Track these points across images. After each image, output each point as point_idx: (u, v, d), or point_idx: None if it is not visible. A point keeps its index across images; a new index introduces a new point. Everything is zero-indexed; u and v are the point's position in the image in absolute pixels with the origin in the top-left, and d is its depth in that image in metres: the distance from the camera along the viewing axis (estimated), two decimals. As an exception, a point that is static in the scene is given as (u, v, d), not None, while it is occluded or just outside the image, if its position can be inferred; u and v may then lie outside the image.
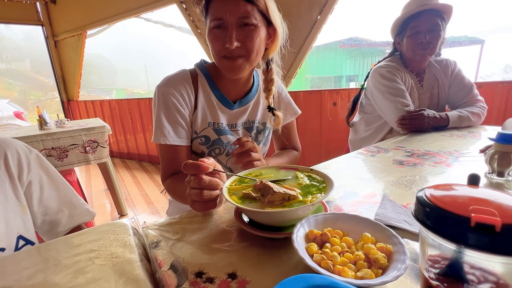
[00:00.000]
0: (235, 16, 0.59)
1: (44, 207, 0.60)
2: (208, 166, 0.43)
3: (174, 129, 0.67)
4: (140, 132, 3.68)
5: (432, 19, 1.08)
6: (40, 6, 3.93)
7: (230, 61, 0.63)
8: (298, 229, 0.36)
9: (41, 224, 0.60)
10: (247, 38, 0.61)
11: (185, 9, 2.68)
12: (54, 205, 0.61)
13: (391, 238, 0.34)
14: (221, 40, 0.61)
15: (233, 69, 0.64)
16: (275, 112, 0.76)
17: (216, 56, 0.65)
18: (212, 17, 0.61)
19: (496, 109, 1.67)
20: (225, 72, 0.66)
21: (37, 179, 0.59)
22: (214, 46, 0.63)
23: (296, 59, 2.27)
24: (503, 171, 0.58)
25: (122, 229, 0.45)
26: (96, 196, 2.64)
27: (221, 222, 0.47)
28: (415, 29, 1.11)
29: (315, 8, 2.08)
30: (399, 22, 1.17)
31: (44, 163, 0.62)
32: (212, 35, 0.62)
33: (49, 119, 1.93)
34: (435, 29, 1.09)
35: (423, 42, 1.10)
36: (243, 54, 0.63)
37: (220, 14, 0.59)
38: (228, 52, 0.61)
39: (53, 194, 0.62)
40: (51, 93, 15.80)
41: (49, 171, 0.62)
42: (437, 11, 1.09)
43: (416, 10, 1.09)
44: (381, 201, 0.50)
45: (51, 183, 0.62)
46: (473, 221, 0.21)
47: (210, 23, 0.62)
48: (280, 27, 0.67)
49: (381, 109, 1.21)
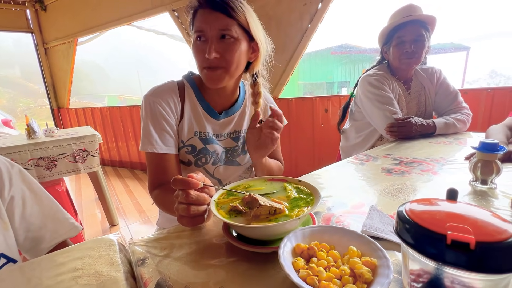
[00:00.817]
0: (215, 28, 0.62)
1: (26, 223, 0.58)
2: (198, 183, 0.43)
3: (161, 137, 0.67)
4: (132, 140, 3.64)
5: (417, 29, 1.12)
6: (30, 14, 3.89)
7: (210, 72, 0.65)
8: (285, 244, 0.36)
9: (23, 241, 0.58)
10: (226, 51, 0.63)
11: (177, 17, 2.70)
12: (37, 220, 0.60)
13: (376, 251, 0.34)
14: (202, 51, 0.63)
15: (212, 80, 0.66)
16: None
17: (198, 68, 0.68)
18: (195, 29, 0.65)
19: (482, 115, 1.72)
20: (206, 82, 0.68)
21: (20, 194, 0.58)
22: (196, 58, 0.66)
23: (287, 67, 2.30)
24: (486, 179, 0.60)
25: (108, 246, 0.44)
26: (86, 206, 2.59)
27: (210, 236, 0.47)
28: (401, 39, 1.15)
29: (305, 17, 2.12)
30: (386, 32, 1.20)
31: (26, 177, 0.61)
32: (195, 46, 0.66)
33: (37, 128, 1.90)
34: (419, 39, 1.12)
35: (408, 52, 1.13)
36: (222, 66, 0.65)
37: (201, 27, 0.63)
38: (208, 63, 0.64)
39: (36, 209, 0.60)
40: (41, 100, 15.53)
41: (32, 186, 0.61)
42: (421, 22, 1.13)
43: (401, 21, 1.13)
44: (369, 211, 0.51)
45: (34, 198, 0.60)
46: (449, 239, 0.22)
47: (193, 35, 0.66)
48: (262, 42, 0.69)
49: (370, 116, 1.23)
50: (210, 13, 0.62)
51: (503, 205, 0.52)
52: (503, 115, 1.39)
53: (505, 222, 0.24)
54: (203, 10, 0.63)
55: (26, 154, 1.69)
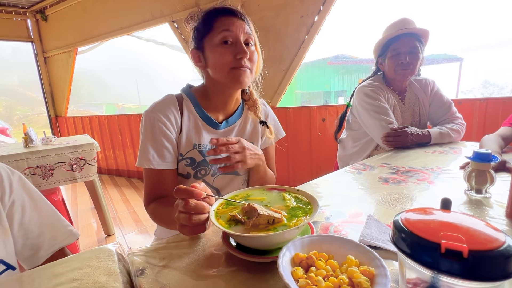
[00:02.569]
0: (243, 33, 0.67)
1: (25, 230, 0.58)
2: (201, 192, 0.43)
3: (159, 153, 0.68)
4: (130, 148, 3.63)
5: (411, 42, 1.16)
6: (31, 23, 3.94)
7: (240, 71, 0.67)
8: (284, 253, 0.37)
9: (22, 249, 0.58)
10: (252, 53, 0.68)
11: (177, 28, 2.75)
12: (35, 228, 0.59)
13: (374, 260, 0.35)
14: (231, 53, 0.66)
15: (243, 78, 0.68)
16: (268, 125, 0.82)
17: (224, 69, 0.67)
18: (220, 29, 0.66)
19: (476, 125, 1.75)
20: (234, 82, 0.68)
21: (19, 201, 0.58)
22: (223, 59, 0.66)
23: (285, 77, 2.34)
24: (481, 188, 0.61)
25: (106, 256, 0.44)
26: (82, 215, 2.55)
27: (209, 245, 0.47)
28: (396, 51, 1.18)
29: (302, 29, 2.17)
30: (381, 44, 1.24)
31: (26, 185, 0.61)
32: (222, 48, 0.66)
33: (35, 137, 1.89)
34: (414, 51, 1.16)
35: (404, 63, 1.17)
36: (250, 67, 0.69)
37: (230, 26, 0.65)
38: (239, 64, 0.66)
39: (34, 216, 0.60)
40: (38, 108, 15.51)
41: (31, 194, 0.61)
42: (415, 34, 1.17)
43: (397, 33, 1.16)
44: (366, 220, 0.52)
45: (33, 206, 0.60)
46: (442, 248, 0.22)
47: (217, 36, 0.66)
48: (261, 55, 0.76)
49: (367, 126, 1.25)
50: (236, 19, 0.66)
51: (498, 214, 0.53)
52: (496, 125, 1.42)
53: (496, 231, 0.25)
54: (227, 17, 0.66)
55: (23, 162, 1.68)
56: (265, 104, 0.88)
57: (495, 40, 40.01)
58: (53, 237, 0.62)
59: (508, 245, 0.22)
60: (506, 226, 0.49)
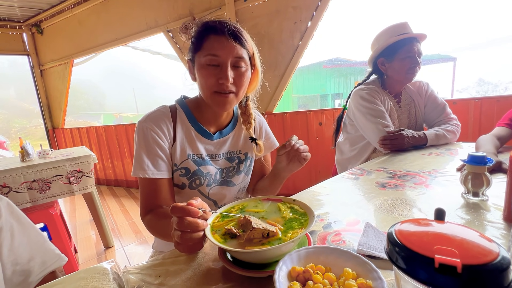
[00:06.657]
0: (231, 56, 0.64)
1: (14, 256, 0.57)
2: (198, 211, 0.43)
3: (153, 162, 0.67)
4: (128, 158, 3.62)
5: (417, 46, 1.17)
6: (26, 37, 3.96)
7: (222, 96, 0.67)
8: (280, 267, 0.36)
9: (11, 275, 0.56)
10: (239, 77, 0.66)
11: (172, 38, 2.77)
12: (25, 253, 0.58)
13: (371, 272, 0.35)
14: (214, 76, 0.65)
15: (224, 104, 0.68)
16: (258, 142, 0.80)
17: (207, 91, 0.67)
18: (207, 52, 0.64)
19: (472, 124, 1.76)
20: (215, 106, 0.69)
21: (8, 226, 0.57)
22: (205, 81, 0.66)
23: (280, 82, 2.35)
24: (478, 191, 0.61)
25: (101, 275, 0.43)
26: (81, 228, 2.52)
27: (206, 260, 0.47)
28: (408, 54, 1.16)
29: (296, 35, 2.20)
30: (387, 46, 1.19)
31: (14, 210, 0.60)
32: (205, 70, 0.65)
33: (31, 150, 1.88)
34: (420, 55, 1.18)
35: (416, 66, 1.17)
36: (233, 91, 0.67)
37: (218, 53, 0.63)
38: (221, 88, 0.65)
39: (24, 241, 0.59)
40: (35, 120, 15.48)
41: (20, 219, 0.61)
42: (417, 39, 1.18)
43: (408, 36, 1.16)
44: (364, 228, 0.51)
45: (22, 231, 0.60)
46: (436, 262, 0.22)
47: (203, 57, 0.65)
48: (260, 70, 0.74)
49: (363, 130, 1.25)
50: (226, 41, 0.63)
51: (495, 217, 0.53)
52: (492, 123, 1.43)
53: (490, 242, 0.25)
54: (218, 36, 0.63)
55: (19, 177, 1.66)
56: (259, 114, 0.88)
57: (487, 39, 40.50)
58: (43, 262, 0.61)
59: (502, 257, 0.22)
60: (503, 230, 0.48)
